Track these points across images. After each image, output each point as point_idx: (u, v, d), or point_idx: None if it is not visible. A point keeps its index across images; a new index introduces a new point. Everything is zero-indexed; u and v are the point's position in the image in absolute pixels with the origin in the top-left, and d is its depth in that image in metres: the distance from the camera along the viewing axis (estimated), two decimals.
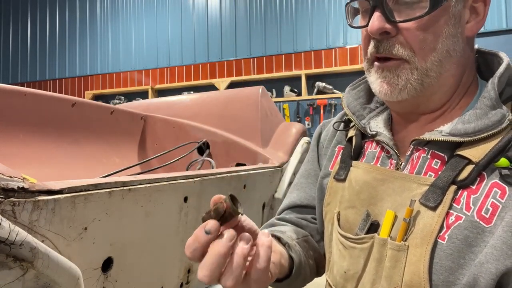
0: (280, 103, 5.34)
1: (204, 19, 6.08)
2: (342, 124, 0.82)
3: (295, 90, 5.37)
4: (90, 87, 6.74)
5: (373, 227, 0.67)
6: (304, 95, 5.28)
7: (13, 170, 0.49)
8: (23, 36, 7.22)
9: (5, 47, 7.33)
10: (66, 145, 1.45)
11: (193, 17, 6.15)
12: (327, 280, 0.77)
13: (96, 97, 6.56)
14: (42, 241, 0.53)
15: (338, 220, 0.73)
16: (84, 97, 6.38)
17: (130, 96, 6.35)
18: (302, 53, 5.49)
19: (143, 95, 6.23)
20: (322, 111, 5.16)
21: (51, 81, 6.99)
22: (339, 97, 4.85)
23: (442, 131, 0.63)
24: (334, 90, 5.10)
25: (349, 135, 0.79)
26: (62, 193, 0.56)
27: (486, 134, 0.59)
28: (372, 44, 0.66)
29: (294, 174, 1.71)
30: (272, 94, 5.46)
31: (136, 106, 2.23)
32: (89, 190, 0.61)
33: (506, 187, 0.57)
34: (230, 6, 5.94)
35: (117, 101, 6.28)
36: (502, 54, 0.67)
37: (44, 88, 6.78)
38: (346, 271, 0.69)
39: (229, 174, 1.13)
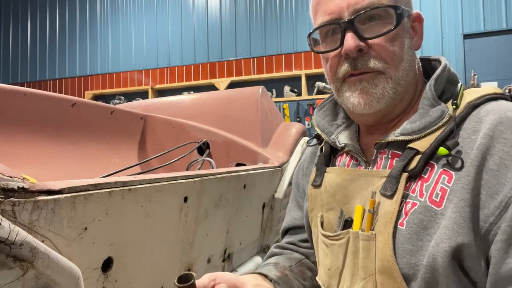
0: (280, 103, 5.34)
1: (204, 19, 6.08)
2: (314, 140, 0.91)
3: (295, 90, 5.37)
4: (90, 87, 6.74)
5: (348, 223, 0.74)
6: (304, 95, 5.28)
7: (13, 170, 0.49)
8: (23, 36, 7.22)
9: (5, 47, 7.33)
10: (66, 145, 1.45)
11: (193, 17, 6.15)
12: (317, 282, 0.83)
13: (96, 97, 6.56)
14: (42, 241, 0.53)
15: (322, 222, 0.81)
16: (84, 97, 6.38)
17: (130, 96, 6.35)
18: (302, 53, 5.49)
19: (143, 95, 6.23)
20: None
21: (51, 81, 6.99)
22: None
23: (395, 133, 0.71)
24: None
25: (321, 145, 0.89)
26: (62, 193, 0.56)
27: (430, 130, 0.67)
28: (346, 64, 0.71)
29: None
30: (272, 94, 5.46)
31: (136, 106, 2.23)
32: (89, 190, 0.61)
33: (453, 172, 0.63)
34: (230, 6, 5.94)
35: (117, 101, 6.28)
36: (442, 58, 0.76)
37: (44, 88, 6.78)
38: (329, 268, 0.76)
39: (229, 174, 1.13)
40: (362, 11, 0.68)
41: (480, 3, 4.73)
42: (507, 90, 4.39)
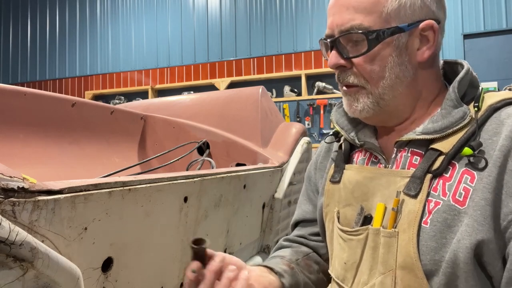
0: (280, 103, 5.34)
1: (204, 19, 6.08)
2: (331, 137, 0.94)
3: (295, 90, 5.37)
4: (90, 87, 6.74)
5: (367, 220, 0.77)
6: (304, 95, 5.28)
7: (13, 170, 0.49)
8: (23, 36, 7.21)
9: (5, 47, 7.33)
10: (66, 145, 1.45)
11: (193, 17, 6.15)
12: (330, 275, 0.86)
13: (96, 97, 6.56)
14: (42, 241, 0.53)
15: (338, 218, 0.83)
16: (84, 97, 6.38)
17: (130, 96, 6.35)
18: (302, 53, 5.49)
19: (143, 95, 6.23)
20: (322, 111, 5.16)
21: (51, 81, 6.99)
22: (339, 97, 4.84)
23: (416, 131, 0.74)
24: (334, 90, 5.10)
25: (340, 143, 0.91)
26: (62, 193, 0.56)
27: (452, 129, 0.70)
28: (336, 74, 0.80)
29: (294, 174, 1.71)
30: (272, 94, 5.46)
31: (136, 106, 2.23)
32: (89, 190, 0.61)
33: (475, 172, 0.67)
34: (230, 6, 5.94)
35: (117, 101, 6.28)
36: (464, 62, 0.79)
37: (44, 88, 6.78)
38: (346, 262, 0.79)
39: (229, 174, 1.13)
40: (343, 33, 0.74)
41: (480, 3, 4.74)
42: (507, 90, 4.39)
